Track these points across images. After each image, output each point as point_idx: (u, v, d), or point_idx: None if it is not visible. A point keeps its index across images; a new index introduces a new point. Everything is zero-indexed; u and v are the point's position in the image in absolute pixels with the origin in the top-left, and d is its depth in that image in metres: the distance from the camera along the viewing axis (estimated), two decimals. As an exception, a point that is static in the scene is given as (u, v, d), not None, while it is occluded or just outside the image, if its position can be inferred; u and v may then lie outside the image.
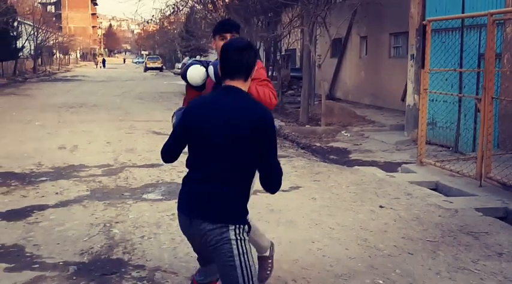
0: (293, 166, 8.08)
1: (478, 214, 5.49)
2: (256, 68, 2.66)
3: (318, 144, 10.91)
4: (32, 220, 5.18)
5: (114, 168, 7.71)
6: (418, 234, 4.84)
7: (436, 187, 6.89)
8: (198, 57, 39.62)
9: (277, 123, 13.48)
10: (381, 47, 16.38)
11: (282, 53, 21.32)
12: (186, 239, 3.05)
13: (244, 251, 2.43)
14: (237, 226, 2.43)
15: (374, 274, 3.90)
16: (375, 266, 4.04)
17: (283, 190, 6.36)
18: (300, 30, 17.72)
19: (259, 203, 5.78)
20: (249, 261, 2.43)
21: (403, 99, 12.00)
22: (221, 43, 3.05)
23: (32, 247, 4.41)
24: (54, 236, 4.68)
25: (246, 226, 2.48)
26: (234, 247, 2.41)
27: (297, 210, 5.58)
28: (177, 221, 5.05)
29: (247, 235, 2.49)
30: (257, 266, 3.38)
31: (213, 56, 42.78)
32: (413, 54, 10.52)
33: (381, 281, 3.79)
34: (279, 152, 9.21)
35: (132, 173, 7.39)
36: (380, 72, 16.29)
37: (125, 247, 4.45)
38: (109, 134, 10.93)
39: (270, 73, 18.36)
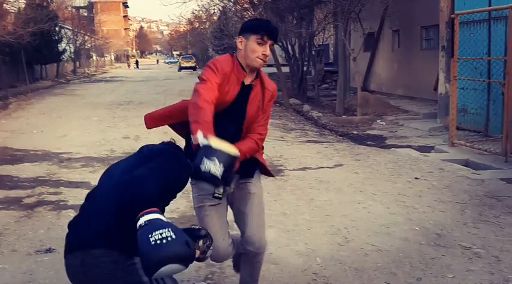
0: (335, 148, 8.93)
1: (502, 183, 6.28)
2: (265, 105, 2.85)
3: (355, 132, 11.72)
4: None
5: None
6: (449, 198, 5.67)
7: (466, 164, 7.67)
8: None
9: (315, 114, 14.35)
10: (413, 40, 17.04)
11: (317, 48, 22.07)
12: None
13: None
14: None
15: (411, 224, 4.78)
16: (411, 219, 4.92)
17: (328, 167, 7.32)
18: (332, 25, 18.52)
19: (309, 176, 6.74)
20: None
21: (436, 88, 12.67)
22: (257, 47, 2.74)
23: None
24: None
25: None
26: None
27: (342, 181, 6.47)
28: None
29: None
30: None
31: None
32: (444, 46, 11.24)
33: (417, 228, 4.67)
34: (320, 139, 10.09)
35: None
36: (412, 64, 16.95)
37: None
38: (162, 126, 11.93)
39: (305, 68, 19.18)
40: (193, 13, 30.01)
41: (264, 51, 2.76)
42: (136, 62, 72.60)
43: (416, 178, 6.56)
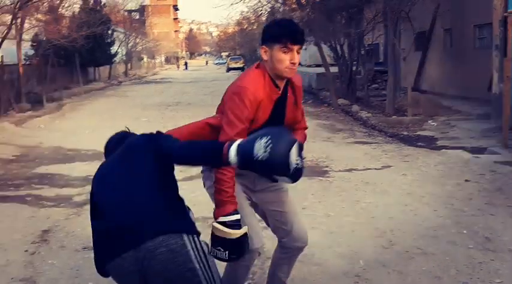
0: (383, 150, 8.78)
1: (559, 186, 6.01)
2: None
3: (405, 133, 11.47)
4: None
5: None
6: (500, 201, 5.47)
7: (521, 166, 7.38)
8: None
9: (364, 114, 14.16)
10: (466, 39, 16.56)
11: (366, 48, 21.78)
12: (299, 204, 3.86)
13: None
14: None
15: (459, 227, 4.64)
16: (460, 222, 4.78)
17: (375, 168, 7.20)
18: (383, 24, 18.22)
19: (355, 178, 6.66)
20: None
21: (490, 88, 12.27)
22: (283, 56, 2.52)
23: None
24: (189, 201, 5.65)
25: None
26: None
27: (389, 183, 6.35)
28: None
29: None
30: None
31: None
32: (498, 45, 10.86)
33: (465, 231, 4.53)
34: (368, 140, 9.94)
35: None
36: (465, 63, 16.48)
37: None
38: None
39: (354, 68, 18.96)
40: (242, 14, 30.25)
41: (291, 60, 2.54)
42: (185, 64, 73.60)
43: (466, 180, 6.36)
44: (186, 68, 70.10)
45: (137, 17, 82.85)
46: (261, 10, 21.24)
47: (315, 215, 5.13)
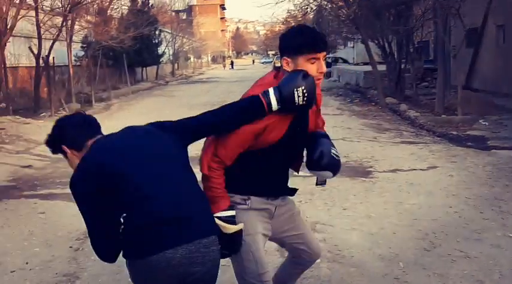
0: (430, 150, 8.56)
1: None
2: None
3: (454, 133, 11.14)
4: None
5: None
6: (552, 204, 5.23)
7: None
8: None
9: (412, 113, 13.85)
10: (520, 35, 16.00)
11: (415, 45, 21.35)
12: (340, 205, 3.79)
13: None
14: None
15: (505, 230, 4.47)
16: (506, 225, 4.60)
17: (421, 169, 7.03)
18: (432, 21, 17.79)
19: (399, 179, 6.52)
20: None
21: (544, 86, 11.81)
22: (311, 67, 2.33)
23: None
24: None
25: None
26: None
27: (434, 184, 6.18)
28: (328, 190, 5.93)
29: None
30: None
31: (342, 52, 43.18)
32: (553, 40, 10.41)
33: (510, 234, 4.35)
34: (415, 139, 9.72)
35: (280, 156, 8.35)
36: (519, 60, 15.92)
37: (287, 208, 5.39)
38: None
39: (403, 66, 18.59)
40: (289, 12, 30.10)
41: (319, 69, 2.34)
42: (232, 63, 74.00)
43: (516, 182, 6.13)
44: (232, 67, 70.45)
45: (184, 16, 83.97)
46: (307, 8, 21.04)
47: (355, 216, 5.05)
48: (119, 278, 3.86)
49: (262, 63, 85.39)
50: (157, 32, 33.52)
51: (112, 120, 14.51)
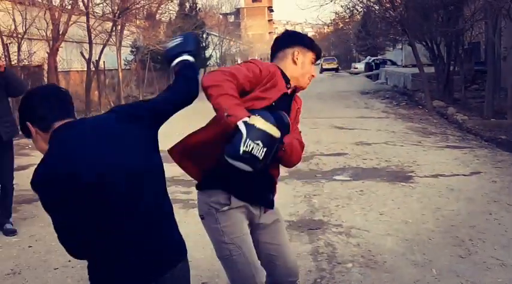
0: (475, 155, 8.37)
1: None
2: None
3: (503, 137, 10.83)
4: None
5: (305, 156, 8.72)
6: None
7: None
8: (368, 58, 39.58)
9: (460, 117, 13.54)
10: None
11: (465, 47, 20.85)
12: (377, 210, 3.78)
13: None
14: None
15: (549, 239, 4.34)
16: (550, 234, 4.47)
17: (463, 175, 6.90)
18: (483, 22, 17.32)
19: (440, 184, 6.43)
20: None
21: None
22: (310, 67, 2.57)
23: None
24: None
25: None
26: None
27: (476, 190, 6.06)
28: (366, 195, 5.92)
29: None
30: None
31: (390, 54, 42.56)
32: None
33: (554, 243, 4.23)
34: (461, 144, 9.52)
35: (321, 160, 8.35)
36: None
37: (323, 212, 5.41)
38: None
39: (452, 68, 18.19)
40: (337, 14, 29.97)
41: (313, 72, 2.58)
42: (278, 65, 74.05)
43: None
44: (279, 69, 70.42)
45: (232, 19, 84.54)
46: (352, 9, 20.90)
47: (391, 221, 5.02)
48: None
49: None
50: (204, 35, 33.95)
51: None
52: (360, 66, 43.20)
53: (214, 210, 2.41)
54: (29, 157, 8.76)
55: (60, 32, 14.71)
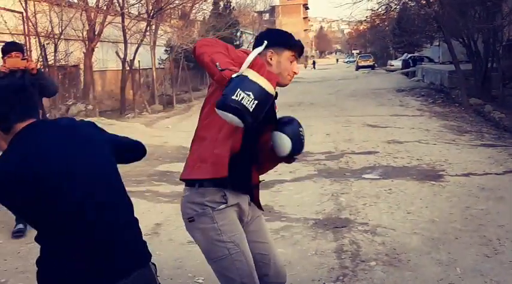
0: (510, 153, 8.19)
1: None
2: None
3: (541, 135, 10.59)
4: (275, 189, 6.47)
5: (335, 154, 8.73)
6: None
7: None
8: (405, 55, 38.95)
9: (497, 114, 13.25)
10: None
11: (503, 43, 20.34)
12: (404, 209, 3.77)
13: None
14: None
15: None
16: None
17: (496, 173, 6.78)
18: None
19: (471, 183, 6.35)
20: None
21: None
22: (289, 65, 2.48)
23: (279, 207, 5.66)
24: (293, 201, 5.88)
25: None
26: None
27: (508, 189, 5.96)
28: (394, 193, 5.88)
29: None
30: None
31: (427, 51, 41.83)
32: None
33: None
34: (496, 142, 9.33)
35: (351, 158, 8.32)
36: None
37: (350, 210, 5.41)
38: (327, 127, 12.00)
39: (489, 65, 17.79)
40: (373, 10, 29.62)
41: (294, 69, 2.50)
42: (313, 63, 73.60)
43: None
44: (314, 67, 70.10)
45: (266, 17, 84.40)
46: (387, 6, 20.65)
47: (418, 220, 4.98)
48: (179, 272, 4.09)
49: (346, 62, 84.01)
50: (238, 34, 34.04)
51: (190, 121, 15.00)
52: (396, 63, 42.58)
53: (210, 209, 2.34)
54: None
55: (96, 33, 15.05)
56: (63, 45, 14.77)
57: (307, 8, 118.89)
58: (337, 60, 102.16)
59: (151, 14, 17.03)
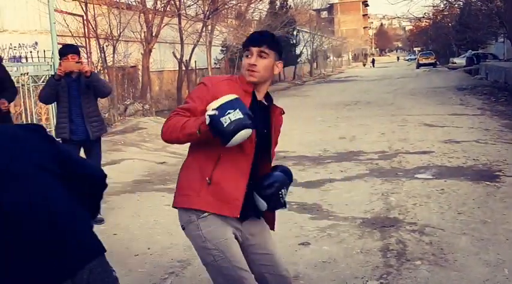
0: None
1: None
2: None
3: None
4: (324, 188, 6.48)
5: (388, 154, 8.62)
6: None
7: None
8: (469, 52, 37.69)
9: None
10: None
11: None
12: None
13: None
14: None
15: None
16: None
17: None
18: None
19: None
20: None
21: None
22: (245, 60, 2.50)
23: (327, 205, 5.67)
24: (342, 200, 5.87)
25: None
26: None
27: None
28: (446, 194, 5.77)
29: None
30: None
31: (492, 47, 40.36)
32: None
33: None
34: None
35: (405, 158, 8.19)
36: None
37: (399, 210, 5.36)
38: (382, 126, 11.84)
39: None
40: (434, 6, 28.84)
41: (247, 61, 2.47)
42: (373, 61, 72.36)
43: None
44: (373, 65, 68.96)
45: (323, 15, 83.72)
46: (446, 2, 20.11)
47: (469, 221, 4.88)
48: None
49: (407, 60, 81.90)
50: (295, 32, 33.96)
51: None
52: (459, 60, 41.24)
53: (195, 217, 2.40)
54: (121, 152, 9.35)
55: (153, 34, 15.45)
56: (121, 47, 15.27)
57: (366, 5, 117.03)
58: (398, 58, 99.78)
59: (207, 15, 17.32)
